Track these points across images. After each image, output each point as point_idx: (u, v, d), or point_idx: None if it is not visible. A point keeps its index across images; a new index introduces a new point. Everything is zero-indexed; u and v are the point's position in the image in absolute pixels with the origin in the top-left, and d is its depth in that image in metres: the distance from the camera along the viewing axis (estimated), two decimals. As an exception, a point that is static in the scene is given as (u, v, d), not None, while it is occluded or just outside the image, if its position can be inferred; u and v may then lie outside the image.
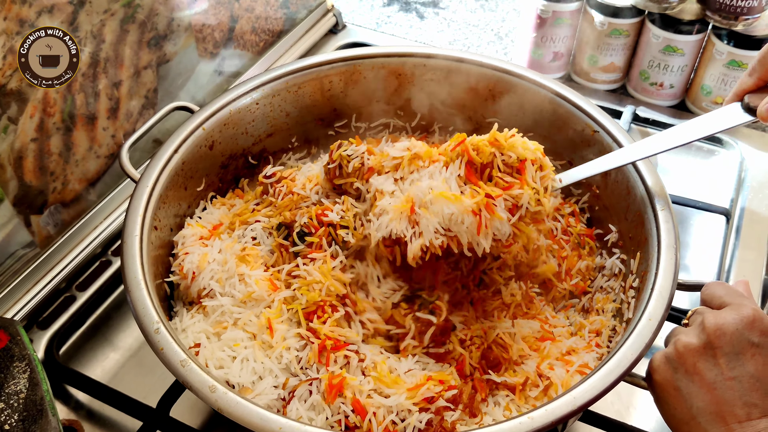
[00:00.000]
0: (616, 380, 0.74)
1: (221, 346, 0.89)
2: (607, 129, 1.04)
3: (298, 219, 0.97)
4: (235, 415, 0.72)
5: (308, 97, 1.18)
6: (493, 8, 1.91)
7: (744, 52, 1.39)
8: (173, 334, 0.80)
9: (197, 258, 0.97)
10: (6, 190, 1.02)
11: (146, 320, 0.81)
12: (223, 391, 0.74)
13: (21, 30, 0.95)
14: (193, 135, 1.04)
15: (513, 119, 1.16)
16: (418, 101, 1.22)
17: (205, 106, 1.08)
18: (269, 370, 0.86)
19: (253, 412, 0.72)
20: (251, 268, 0.95)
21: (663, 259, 0.86)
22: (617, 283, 1.00)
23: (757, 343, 0.72)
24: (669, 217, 0.90)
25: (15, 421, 0.76)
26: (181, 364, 0.76)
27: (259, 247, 1.00)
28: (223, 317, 0.92)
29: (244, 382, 0.84)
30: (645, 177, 0.96)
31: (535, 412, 0.72)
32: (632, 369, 0.76)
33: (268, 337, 0.88)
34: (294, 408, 0.82)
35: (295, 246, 0.96)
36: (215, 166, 1.11)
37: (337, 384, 0.82)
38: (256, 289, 0.92)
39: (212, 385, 0.74)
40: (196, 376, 0.75)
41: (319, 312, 0.90)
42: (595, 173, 0.96)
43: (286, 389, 0.84)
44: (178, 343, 0.79)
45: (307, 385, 0.83)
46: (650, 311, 0.81)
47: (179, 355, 0.77)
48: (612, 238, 1.05)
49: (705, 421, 0.72)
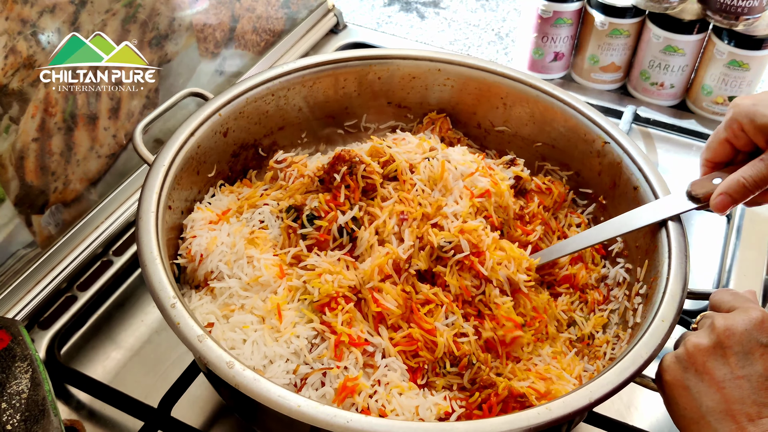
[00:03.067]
0: (631, 376, 0.75)
1: (232, 327, 0.88)
2: (618, 141, 1.04)
3: (309, 203, 0.97)
4: (255, 392, 0.71)
5: (322, 94, 1.17)
6: (493, 8, 1.91)
7: (745, 52, 1.39)
8: (189, 310, 0.79)
9: (205, 241, 0.96)
10: (7, 190, 1.02)
11: (162, 295, 0.80)
12: (242, 368, 0.73)
13: (23, 30, 0.95)
14: (210, 120, 1.04)
15: (523, 128, 1.16)
16: (428, 105, 1.22)
17: (222, 93, 1.07)
18: (279, 355, 0.85)
19: (272, 389, 0.71)
20: (261, 251, 0.94)
21: (674, 264, 0.87)
22: (621, 291, 1.00)
23: (767, 343, 0.73)
24: (679, 227, 0.91)
25: (17, 421, 0.76)
26: (198, 339, 0.75)
27: (267, 230, 0.99)
28: (231, 299, 0.91)
29: (256, 364, 0.83)
30: (655, 188, 0.96)
31: (552, 403, 0.72)
32: (646, 367, 0.76)
33: (277, 321, 0.87)
34: (306, 395, 0.81)
35: (303, 228, 0.96)
36: (227, 154, 1.11)
37: (351, 387, 0.81)
38: (264, 273, 0.91)
39: (230, 361, 0.73)
40: (213, 352, 0.74)
41: (333, 304, 0.88)
42: (567, 253, 0.99)
43: (297, 375, 0.83)
44: (194, 319, 0.78)
45: (320, 374, 0.83)
46: (663, 313, 0.81)
47: (196, 330, 0.76)
48: (617, 248, 1.05)
49: (715, 420, 0.72)
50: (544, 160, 1.17)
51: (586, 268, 1.04)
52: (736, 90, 1.45)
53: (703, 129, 1.47)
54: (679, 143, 1.46)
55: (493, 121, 1.19)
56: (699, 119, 1.51)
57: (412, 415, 0.81)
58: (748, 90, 1.46)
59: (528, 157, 1.17)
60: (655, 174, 0.98)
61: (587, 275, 1.03)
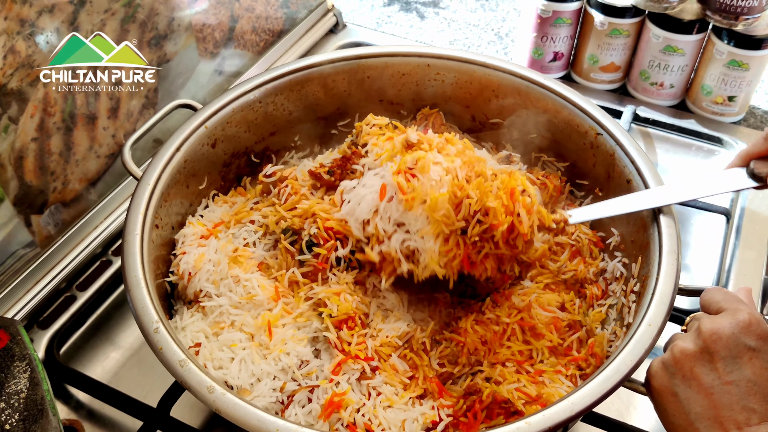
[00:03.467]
0: (614, 386, 0.74)
1: (220, 346, 0.89)
2: (610, 131, 1.03)
3: (307, 227, 0.96)
4: (233, 416, 0.72)
5: (311, 96, 1.17)
6: (493, 8, 1.91)
7: (744, 52, 1.39)
8: (173, 333, 0.80)
9: (193, 258, 0.96)
10: (6, 190, 1.02)
11: (146, 319, 0.81)
12: (221, 392, 0.74)
13: (21, 30, 0.95)
14: (196, 133, 1.04)
15: (517, 120, 1.16)
16: (421, 101, 1.21)
17: (208, 105, 1.07)
18: (266, 373, 0.86)
19: (251, 413, 0.72)
20: (244, 270, 0.95)
21: (664, 263, 0.86)
22: (618, 286, 1.00)
23: (754, 347, 0.71)
24: (671, 222, 0.90)
25: (16, 421, 0.76)
26: (179, 364, 0.76)
27: (250, 248, 0.99)
28: (221, 317, 0.92)
29: (243, 383, 0.84)
30: (647, 180, 0.96)
31: (532, 417, 0.72)
32: (631, 375, 0.76)
33: (266, 338, 0.88)
34: (292, 413, 0.82)
35: (302, 254, 0.95)
36: (217, 165, 1.11)
37: (338, 402, 0.81)
38: (260, 293, 0.92)
39: (210, 385, 0.74)
40: (194, 377, 0.75)
41: (350, 323, 0.88)
42: (606, 215, 0.98)
43: (284, 393, 0.84)
44: (177, 343, 0.79)
45: (306, 391, 0.83)
46: (650, 317, 0.80)
47: (178, 355, 0.77)
48: (614, 242, 1.04)
49: (704, 426, 0.71)
50: (540, 151, 1.17)
51: (584, 263, 1.04)
52: (736, 90, 1.45)
53: (703, 129, 1.47)
54: (678, 143, 1.46)
55: (487, 114, 1.19)
56: (699, 119, 1.51)
57: (398, 429, 0.81)
58: (748, 90, 1.45)
59: (524, 148, 1.17)
60: (649, 166, 0.98)
61: (585, 269, 1.02)
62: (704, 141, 1.45)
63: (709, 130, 1.46)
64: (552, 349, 0.92)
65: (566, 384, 0.87)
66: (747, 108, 1.52)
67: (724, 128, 1.48)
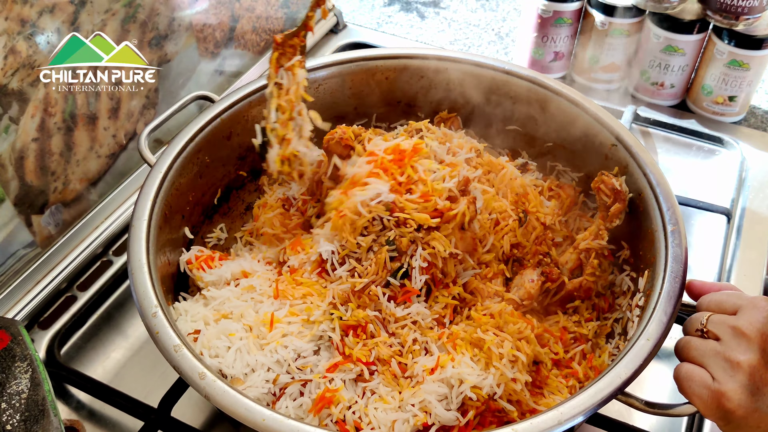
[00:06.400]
0: (605, 398, 0.74)
1: (218, 334, 0.89)
2: (625, 143, 1.03)
3: (409, 253, 0.91)
4: (221, 403, 0.73)
5: (329, 95, 1.17)
6: (494, 8, 1.91)
7: (745, 51, 1.39)
8: (170, 319, 0.80)
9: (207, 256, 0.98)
10: (7, 190, 1.02)
11: (145, 303, 0.81)
12: (212, 379, 0.74)
13: (22, 30, 0.95)
14: (211, 125, 1.04)
15: (533, 127, 1.16)
16: (439, 105, 1.21)
17: (224, 97, 1.08)
18: (261, 364, 0.86)
19: (239, 401, 0.73)
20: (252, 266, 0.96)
21: (668, 280, 0.86)
22: (625, 301, 0.99)
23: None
24: (679, 240, 0.90)
25: (17, 421, 0.76)
26: (174, 349, 0.77)
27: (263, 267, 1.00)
28: (222, 306, 0.92)
29: (237, 373, 0.85)
30: (659, 195, 0.95)
31: (519, 424, 0.71)
32: (625, 388, 0.75)
33: (266, 330, 0.88)
34: (284, 405, 0.83)
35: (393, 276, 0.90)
36: (232, 158, 1.11)
37: (329, 398, 0.82)
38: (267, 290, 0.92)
39: (202, 372, 0.75)
40: (187, 362, 0.76)
41: (359, 331, 0.88)
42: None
43: (277, 385, 0.84)
44: (174, 329, 0.79)
45: (299, 385, 0.83)
46: (648, 332, 0.80)
47: (173, 340, 0.78)
48: (624, 255, 1.04)
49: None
50: (555, 160, 1.17)
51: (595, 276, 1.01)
52: (736, 90, 1.45)
53: (704, 129, 1.47)
54: (679, 143, 1.46)
55: (503, 121, 1.19)
56: (699, 119, 1.51)
57: (388, 429, 0.81)
58: (749, 90, 1.46)
59: (540, 156, 1.16)
60: (661, 180, 0.96)
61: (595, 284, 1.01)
62: (705, 141, 1.45)
63: (710, 130, 1.46)
64: (556, 362, 0.92)
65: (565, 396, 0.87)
66: (747, 108, 1.52)
67: (724, 128, 1.48)
